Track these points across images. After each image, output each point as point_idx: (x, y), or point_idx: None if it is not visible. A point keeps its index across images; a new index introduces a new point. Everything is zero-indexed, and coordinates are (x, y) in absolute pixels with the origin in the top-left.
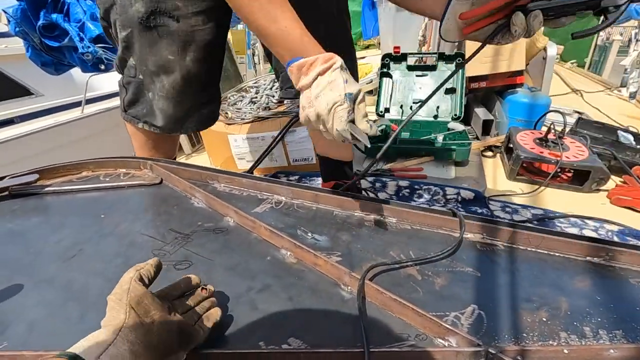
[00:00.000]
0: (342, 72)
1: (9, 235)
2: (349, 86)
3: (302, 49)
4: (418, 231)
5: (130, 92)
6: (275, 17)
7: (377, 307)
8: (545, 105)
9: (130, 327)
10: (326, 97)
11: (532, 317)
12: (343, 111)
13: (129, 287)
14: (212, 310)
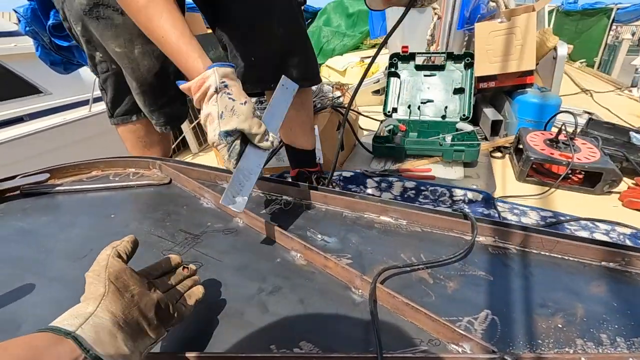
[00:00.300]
0: (219, 99)
1: (20, 233)
2: (226, 121)
3: (182, 65)
4: (429, 234)
5: (110, 89)
6: (153, 24)
7: (389, 310)
8: (555, 106)
9: (110, 299)
10: (208, 134)
11: (547, 323)
12: (222, 151)
13: (106, 263)
14: (194, 288)
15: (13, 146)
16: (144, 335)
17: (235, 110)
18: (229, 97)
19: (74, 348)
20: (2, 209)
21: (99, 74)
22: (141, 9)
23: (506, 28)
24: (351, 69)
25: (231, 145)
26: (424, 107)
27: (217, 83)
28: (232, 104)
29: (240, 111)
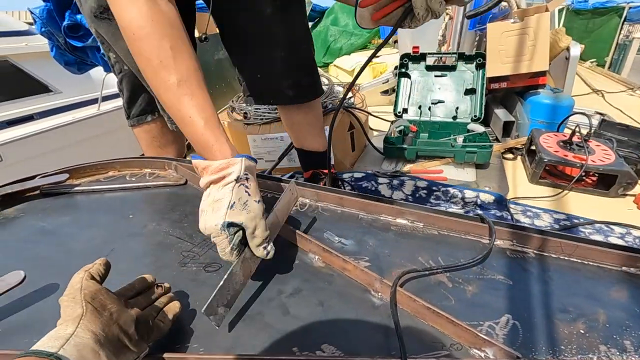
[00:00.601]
0: (236, 188)
1: (42, 233)
2: (235, 213)
3: (203, 145)
4: (445, 237)
5: (125, 90)
6: (182, 103)
7: (409, 314)
8: (568, 107)
9: (89, 319)
10: (205, 219)
11: (569, 329)
12: (222, 243)
13: (80, 285)
14: (171, 304)
15: (23, 144)
16: (126, 351)
17: (248, 206)
18: (245, 191)
19: None
20: (23, 209)
21: (117, 75)
22: (171, 87)
23: (519, 28)
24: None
25: (233, 237)
26: (434, 107)
27: (240, 173)
28: (246, 198)
29: (252, 208)
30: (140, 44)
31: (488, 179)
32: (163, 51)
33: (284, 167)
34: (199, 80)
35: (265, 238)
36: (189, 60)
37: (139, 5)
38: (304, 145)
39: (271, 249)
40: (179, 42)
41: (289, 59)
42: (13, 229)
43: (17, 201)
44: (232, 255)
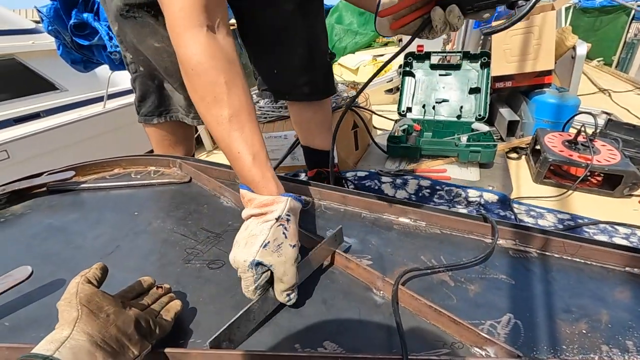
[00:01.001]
0: (274, 228)
1: (49, 230)
2: (267, 254)
3: (250, 180)
4: (448, 236)
5: (137, 89)
6: (232, 137)
7: (411, 313)
8: (574, 106)
9: (85, 321)
10: (236, 252)
11: (571, 329)
12: (247, 280)
13: (76, 289)
14: (172, 303)
15: (30, 142)
16: (126, 351)
17: (282, 249)
18: (283, 232)
19: None
20: (30, 206)
21: (131, 73)
22: (223, 122)
23: (524, 27)
24: (363, 67)
25: (260, 277)
26: (438, 106)
27: (283, 213)
28: (282, 240)
29: (285, 252)
30: (197, 80)
31: (492, 178)
32: (218, 87)
33: (287, 166)
34: (250, 114)
35: (292, 286)
36: (242, 94)
37: (201, 42)
38: (311, 143)
39: (294, 297)
40: (234, 76)
41: (307, 56)
42: (21, 226)
43: (24, 198)
44: (254, 294)
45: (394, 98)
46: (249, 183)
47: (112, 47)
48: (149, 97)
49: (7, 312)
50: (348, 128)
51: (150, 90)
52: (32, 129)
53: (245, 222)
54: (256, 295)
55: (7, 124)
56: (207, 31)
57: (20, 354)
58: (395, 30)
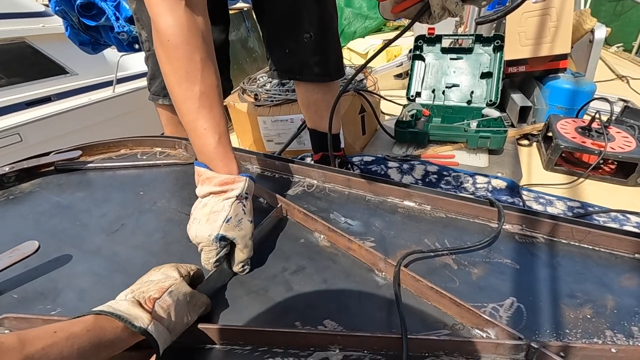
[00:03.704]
0: (234, 205)
1: (57, 207)
2: (230, 228)
3: (211, 159)
4: (453, 220)
5: (149, 67)
6: (200, 114)
7: (412, 294)
8: (589, 92)
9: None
10: (197, 228)
11: (575, 314)
12: (210, 252)
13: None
14: None
15: (42, 125)
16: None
17: (242, 224)
18: (242, 209)
19: None
20: (39, 184)
21: (145, 51)
22: (192, 97)
23: (541, 9)
24: (373, 52)
25: (222, 250)
26: (448, 91)
27: (243, 191)
28: (242, 216)
29: (245, 227)
30: (173, 52)
31: (501, 165)
32: (193, 63)
33: (293, 150)
34: (220, 97)
35: (247, 257)
36: (213, 75)
37: (179, 15)
38: (318, 126)
39: (248, 268)
40: (208, 56)
41: (319, 35)
42: (30, 203)
43: (33, 176)
44: (213, 266)
45: (403, 83)
46: (210, 160)
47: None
48: (158, 77)
49: (16, 285)
50: (355, 112)
51: (160, 70)
52: (43, 113)
53: (202, 199)
54: (214, 267)
55: (19, 108)
56: (185, 6)
57: (27, 325)
58: (396, 14)
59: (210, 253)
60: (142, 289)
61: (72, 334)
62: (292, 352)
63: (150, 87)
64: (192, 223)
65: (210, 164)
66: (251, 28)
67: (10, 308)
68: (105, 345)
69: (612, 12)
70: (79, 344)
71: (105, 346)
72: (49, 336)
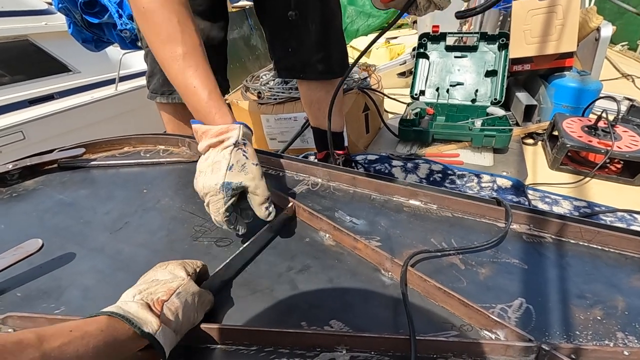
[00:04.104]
0: (234, 152)
1: (60, 205)
2: (234, 175)
3: (205, 113)
4: (460, 219)
5: (148, 64)
6: (187, 73)
7: (419, 294)
8: (595, 91)
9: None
10: (204, 179)
11: (585, 315)
12: (218, 202)
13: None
14: None
15: (45, 123)
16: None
17: (247, 168)
18: (243, 154)
19: None
20: (42, 181)
21: (144, 47)
22: (177, 59)
23: (547, 6)
24: (376, 50)
25: (229, 199)
26: (453, 90)
27: (239, 137)
28: (244, 161)
29: (250, 170)
30: (149, 17)
31: (506, 164)
32: (171, 25)
33: (296, 148)
34: (203, 55)
35: (267, 197)
36: (194, 35)
37: None
38: (321, 124)
39: (273, 210)
40: (185, 18)
41: (322, 32)
42: (33, 200)
43: (36, 174)
44: (224, 217)
45: (407, 82)
46: (204, 116)
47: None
48: (155, 74)
49: (19, 283)
50: (359, 111)
51: (158, 67)
52: (46, 111)
53: (204, 154)
54: (225, 218)
55: (22, 106)
56: None
57: (31, 324)
58: (386, 4)
59: (219, 203)
60: (149, 290)
61: (87, 333)
62: (298, 352)
63: (149, 84)
64: (198, 177)
65: (205, 120)
66: (254, 26)
67: (14, 306)
68: (119, 346)
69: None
70: (94, 344)
71: (118, 346)
72: (66, 334)
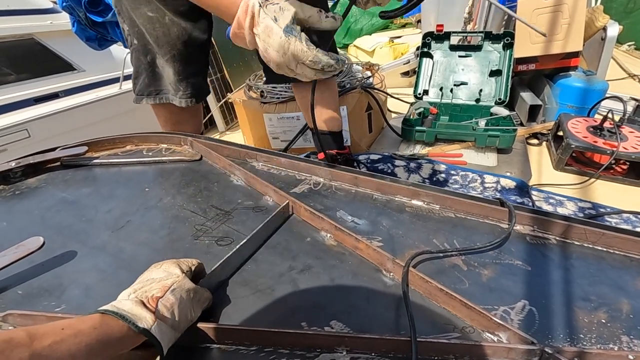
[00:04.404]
0: (264, 11)
1: (62, 203)
2: (282, 17)
3: (228, 4)
4: (462, 220)
5: (133, 64)
6: None
7: (421, 295)
8: (601, 91)
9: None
10: (274, 48)
11: (589, 318)
12: (297, 46)
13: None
14: None
15: (50, 121)
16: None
17: (283, 8)
18: (273, 4)
19: None
20: (45, 179)
21: (128, 47)
22: None
23: (552, 5)
24: (380, 49)
25: (300, 35)
26: (457, 89)
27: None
28: (278, 7)
29: (287, 7)
30: None
31: (510, 164)
32: None
33: (299, 147)
34: None
35: (318, 11)
36: None
37: None
38: (319, 126)
39: (332, 15)
40: None
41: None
42: (35, 198)
43: (39, 172)
44: (310, 49)
45: (410, 81)
46: (229, 9)
47: None
48: (141, 74)
49: (20, 281)
50: (362, 110)
51: (142, 67)
52: (51, 109)
53: (256, 40)
54: (311, 49)
55: (27, 104)
56: None
57: (32, 322)
58: None
59: (298, 46)
60: (144, 288)
61: (79, 332)
62: (298, 353)
63: (134, 87)
64: (267, 52)
65: (229, 16)
66: None
67: (15, 304)
68: (112, 344)
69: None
70: (87, 342)
71: (112, 345)
72: (57, 333)
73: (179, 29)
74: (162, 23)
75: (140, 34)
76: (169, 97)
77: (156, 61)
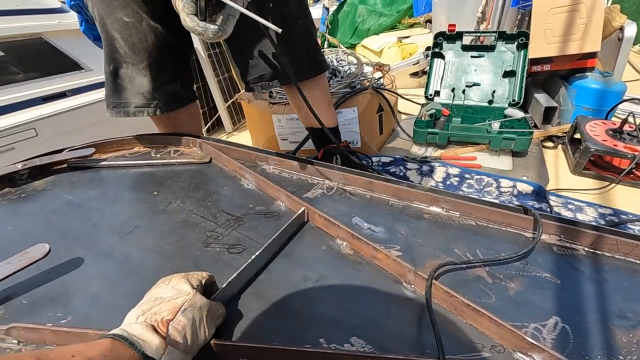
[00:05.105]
0: None
1: (69, 206)
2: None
3: None
4: (484, 228)
5: (105, 71)
6: None
7: (445, 310)
8: (619, 93)
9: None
10: None
11: (627, 337)
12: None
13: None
14: None
15: (57, 120)
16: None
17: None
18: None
19: None
20: (51, 181)
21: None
22: None
23: (569, 4)
24: (388, 49)
25: None
26: (469, 90)
27: None
28: None
29: None
30: None
31: (526, 168)
32: None
33: (308, 149)
34: None
35: None
36: None
37: None
38: (313, 123)
39: None
40: None
41: (283, 35)
42: (41, 201)
43: (45, 174)
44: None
45: (419, 82)
46: None
47: None
48: (105, 84)
49: (25, 289)
50: (373, 111)
51: (105, 76)
52: (59, 108)
53: None
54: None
55: (35, 103)
56: None
57: (35, 335)
58: None
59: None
60: (153, 309)
61: (89, 359)
62: None
63: (106, 99)
64: None
65: None
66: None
67: (20, 314)
68: None
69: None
70: None
71: None
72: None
73: (156, 34)
74: (139, 29)
75: (108, 41)
76: (132, 110)
77: (119, 71)
